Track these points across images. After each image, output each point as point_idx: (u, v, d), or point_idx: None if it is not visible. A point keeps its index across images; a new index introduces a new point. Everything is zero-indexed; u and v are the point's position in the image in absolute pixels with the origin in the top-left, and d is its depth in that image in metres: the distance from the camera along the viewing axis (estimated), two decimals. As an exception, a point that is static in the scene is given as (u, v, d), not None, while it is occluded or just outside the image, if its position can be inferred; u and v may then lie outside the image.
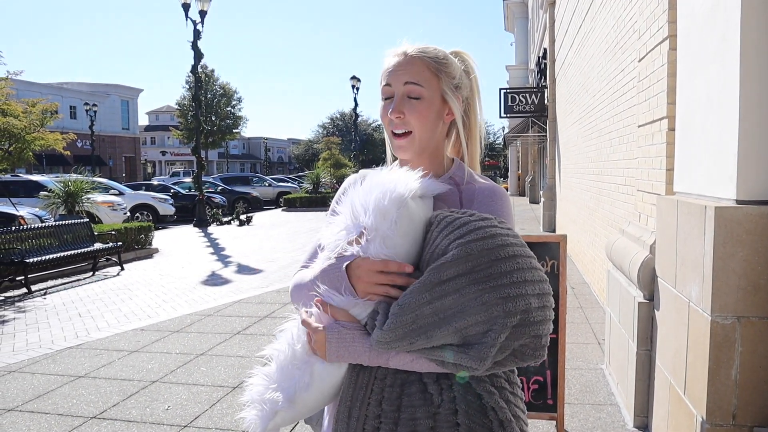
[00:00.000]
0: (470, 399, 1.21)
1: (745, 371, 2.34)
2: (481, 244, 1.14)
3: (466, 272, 1.12)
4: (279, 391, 1.29)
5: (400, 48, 1.42)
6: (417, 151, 1.42)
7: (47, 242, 9.45)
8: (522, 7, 31.38)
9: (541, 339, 1.15)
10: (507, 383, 1.28)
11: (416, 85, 1.38)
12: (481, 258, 1.13)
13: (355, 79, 32.70)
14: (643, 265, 3.45)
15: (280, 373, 1.31)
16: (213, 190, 25.59)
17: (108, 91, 55.83)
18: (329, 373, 1.29)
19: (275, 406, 1.29)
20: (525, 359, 1.17)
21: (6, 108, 9.96)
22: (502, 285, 1.11)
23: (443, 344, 1.14)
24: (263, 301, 7.39)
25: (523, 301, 1.11)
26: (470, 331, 1.11)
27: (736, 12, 2.35)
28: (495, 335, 1.09)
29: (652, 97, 3.77)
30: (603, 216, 6.80)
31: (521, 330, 1.12)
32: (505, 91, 17.66)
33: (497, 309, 1.09)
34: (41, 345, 5.78)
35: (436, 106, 1.41)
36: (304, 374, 1.29)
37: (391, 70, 1.40)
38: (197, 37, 18.91)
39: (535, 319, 1.13)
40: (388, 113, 1.39)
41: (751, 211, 2.31)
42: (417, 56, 1.39)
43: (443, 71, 1.41)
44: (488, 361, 1.11)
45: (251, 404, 1.33)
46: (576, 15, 9.52)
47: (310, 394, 1.29)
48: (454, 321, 1.11)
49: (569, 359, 4.76)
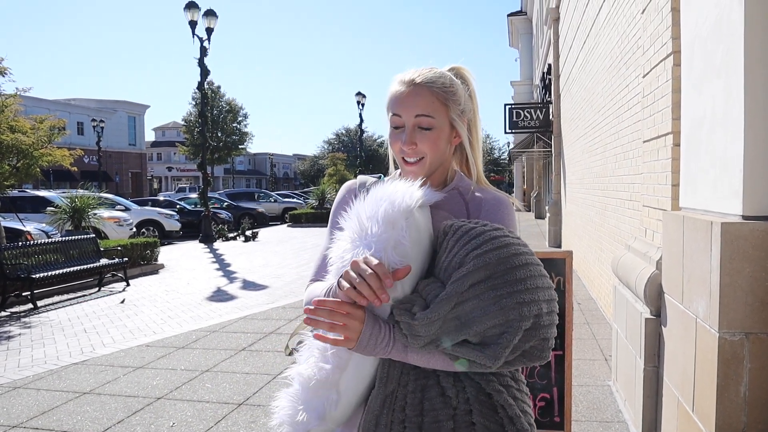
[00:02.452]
0: (482, 399, 1.29)
1: (754, 388, 2.32)
2: (497, 254, 1.22)
3: (484, 279, 1.20)
4: (308, 411, 1.33)
5: (407, 75, 1.45)
6: (426, 174, 1.46)
7: (54, 258, 9.48)
8: (526, 23, 31.55)
9: (548, 341, 1.24)
10: (513, 381, 1.36)
11: (427, 117, 1.41)
12: (497, 267, 1.21)
13: (361, 95, 32.84)
14: (650, 281, 3.44)
15: (306, 392, 1.34)
16: (219, 206, 25.62)
17: (115, 107, 56.24)
18: (355, 387, 1.33)
19: (308, 426, 1.32)
20: (532, 360, 1.25)
21: (14, 124, 10.02)
22: (517, 291, 1.19)
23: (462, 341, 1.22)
24: (269, 318, 7.37)
25: (536, 306, 1.20)
26: (488, 333, 1.19)
27: (739, 27, 2.35)
28: (510, 337, 1.17)
29: (657, 113, 3.78)
30: (609, 231, 6.78)
31: (532, 333, 1.20)
32: (510, 107, 17.68)
33: (513, 313, 1.17)
34: (46, 361, 5.77)
35: (445, 133, 1.45)
36: (331, 392, 1.32)
37: (400, 101, 1.43)
38: (204, 54, 19.06)
39: (545, 323, 1.22)
40: (400, 143, 1.43)
41: (757, 226, 2.30)
42: (425, 86, 1.42)
43: (451, 99, 1.44)
44: (501, 360, 1.19)
45: (282, 426, 1.36)
46: (580, 31, 9.57)
47: (339, 410, 1.33)
48: (474, 325, 1.18)
49: (576, 376, 4.73)
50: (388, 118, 1.49)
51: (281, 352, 5.83)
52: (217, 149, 46.21)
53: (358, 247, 1.25)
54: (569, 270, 3.30)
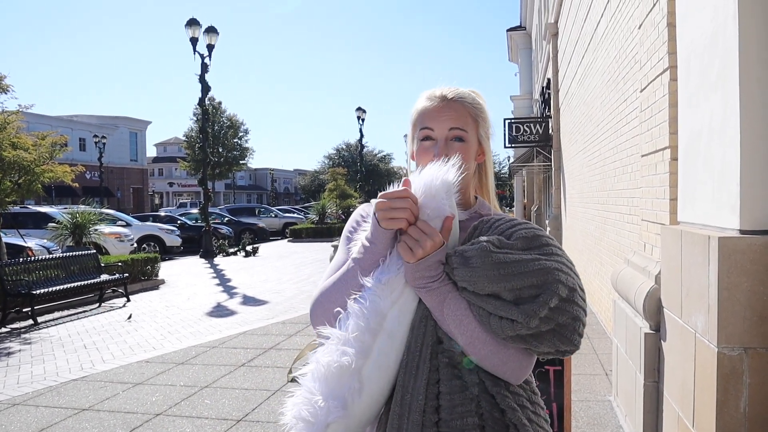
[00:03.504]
0: (496, 416, 1.26)
1: (754, 403, 2.31)
2: (533, 232, 1.28)
3: (525, 248, 1.25)
4: (328, 400, 1.24)
5: (438, 91, 1.48)
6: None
7: (54, 273, 9.48)
8: (525, 38, 31.73)
9: (579, 324, 1.24)
10: (529, 403, 1.32)
11: (460, 130, 1.44)
12: (534, 241, 1.27)
13: (361, 110, 33.00)
14: (649, 296, 3.43)
15: (325, 384, 1.26)
16: (219, 221, 25.66)
17: (117, 123, 56.46)
18: (378, 378, 1.26)
19: (327, 418, 1.23)
20: (563, 341, 1.23)
21: (17, 141, 10.07)
22: (555, 261, 1.24)
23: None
24: (269, 333, 7.36)
25: (572, 280, 1.23)
26: (524, 293, 1.20)
27: (734, 43, 2.37)
28: (547, 297, 1.18)
29: (655, 127, 3.79)
30: (608, 245, 6.78)
31: (566, 306, 1.21)
32: (509, 121, 17.73)
33: (552, 275, 1.20)
34: (46, 377, 5.76)
35: (474, 149, 1.48)
36: (353, 381, 1.25)
37: (432, 115, 1.45)
38: (205, 70, 19.20)
39: (578, 302, 1.24)
40: (430, 156, 1.44)
41: (755, 241, 2.30)
42: (458, 102, 1.46)
43: (480, 116, 1.49)
44: (535, 320, 1.18)
45: (297, 422, 1.26)
46: (578, 46, 9.63)
47: (362, 399, 1.25)
48: (513, 279, 1.20)
49: (576, 391, 4.70)
50: (412, 134, 1.52)
51: (281, 367, 5.81)
52: (218, 164, 46.36)
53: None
54: (568, 284, 3.29)
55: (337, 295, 1.35)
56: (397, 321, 1.29)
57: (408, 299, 1.30)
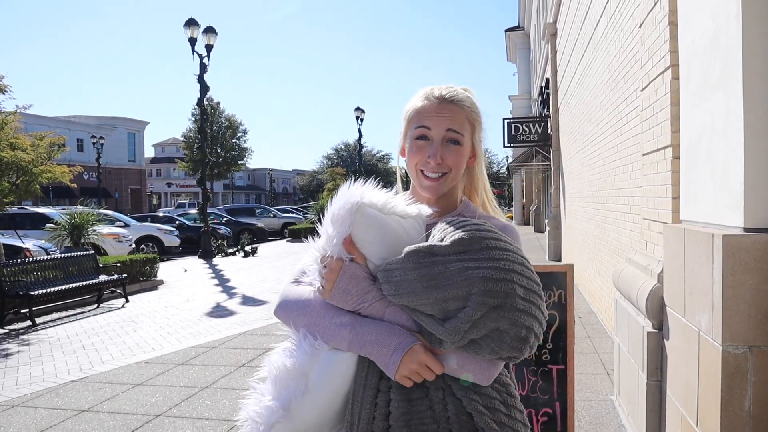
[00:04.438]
0: (463, 419, 1.24)
1: (759, 402, 2.29)
2: (475, 234, 1.23)
3: (457, 253, 1.21)
4: (273, 401, 1.29)
5: (437, 91, 1.46)
6: (445, 190, 1.46)
7: (52, 274, 9.45)
8: (524, 38, 31.75)
9: (521, 329, 1.18)
10: (502, 405, 1.30)
11: (457, 133, 1.43)
12: (472, 244, 1.21)
13: (360, 110, 32.97)
14: (651, 294, 3.42)
15: (275, 385, 1.32)
16: (218, 222, 25.62)
17: (115, 124, 56.44)
18: (323, 381, 1.29)
19: (270, 418, 1.28)
20: (503, 348, 1.19)
21: (14, 141, 10.05)
22: (486, 267, 1.18)
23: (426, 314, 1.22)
24: (268, 333, 7.34)
25: (506, 285, 1.17)
26: (450, 306, 1.17)
27: (737, 39, 2.36)
28: (471, 311, 1.15)
29: (656, 126, 3.78)
30: (609, 244, 6.77)
31: (500, 313, 1.16)
32: (508, 121, 17.75)
33: (477, 286, 1.16)
34: (44, 378, 5.73)
35: (468, 153, 1.47)
36: (299, 383, 1.29)
37: (430, 114, 1.43)
38: (203, 70, 19.18)
39: (518, 307, 1.18)
40: (424, 155, 1.43)
41: (759, 239, 2.29)
42: (456, 104, 1.44)
43: (477, 121, 1.48)
44: (459, 335, 1.16)
45: (245, 422, 1.33)
46: (578, 45, 9.62)
47: (305, 402, 1.28)
48: (436, 291, 1.17)
49: (578, 390, 4.69)
50: (405, 131, 1.49)
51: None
52: (217, 165, 46.30)
53: (324, 247, 1.34)
54: (570, 284, 3.28)
55: (300, 309, 1.39)
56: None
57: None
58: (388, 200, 1.34)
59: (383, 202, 1.33)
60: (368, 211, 1.30)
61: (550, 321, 3.23)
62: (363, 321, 1.29)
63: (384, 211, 1.32)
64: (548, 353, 3.27)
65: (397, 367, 1.23)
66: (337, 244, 1.29)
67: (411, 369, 1.23)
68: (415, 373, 1.23)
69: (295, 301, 1.40)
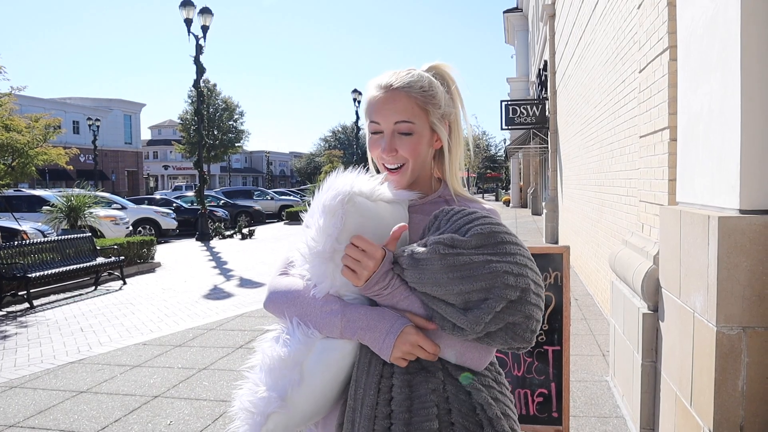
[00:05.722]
0: (462, 398, 1.27)
1: (752, 382, 2.32)
2: (490, 228, 1.26)
3: (477, 247, 1.23)
4: (269, 391, 1.28)
5: (384, 79, 1.41)
6: (409, 181, 1.44)
7: (50, 257, 9.45)
8: (522, 20, 31.54)
9: (532, 322, 1.24)
10: (495, 383, 1.34)
11: (407, 123, 1.38)
12: (489, 238, 1.24)
13: (357, 93, 32.81)
14: (647, 276, 3.43)
15: (269, 375, 1.30)
16: (215, 204, 25.58)
17: (111, 106, 56.13)
18: (319, 370, 1.29)
19: (267, 409, 1.27)
20: (515, 338, 1.24)
21: (9, 123, 10.01)
22: (507, 262, 1.22)
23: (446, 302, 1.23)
24: (266, 315, 7.35)
25: (523, 280, 1.22)
26: (472, 297, 1.20)
27: (735, 21, 2.35)
28: (493, 303, 1.19)
29: (653, 108, 3.77)
30: (606, 227, 6.79)
31: (517, 307, 1.21)
32: (506, 104, 17.69)
33: (501, 279, 1.20)
34: (43, 360, 5.76)
35: (426, 138, 1.42)
36: (294, 373, 1.28)
37: (377, 107, 1.39)
38: (199, 51, 19.03)
39: (531, 301, 1.23)
40: (379, 151, 1.41)
41: (755, 220, 2.30)
42: (403, 91, 1.38)
43: (430, 103, 1.40)
44: (481, 326, 1.19)
45: (239, 413, 1.31)
46: (576, 27, 9.56)
47: (301, 392, 1.28)
48: (461, 283, 1.20)
49: (574, 371, 4.73)
50: (365, 124, 1.46)
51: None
52: (214, 147, 46.21)
53: (318, 243, 1.30)
54: (566, 265, 3.29)
55: (290, 300, 1.38)
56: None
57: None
58: (375, 187, 1.33)
59: (371, 190, 1.32)
60: (359, 200, 1.29)
61: (547, 302, 3.25)
62: (353, 307, 1.29)
63: (372, 199, 1.32)
64: (544, 334, 3.29)
65: (391, 351, 1.24)
66: (332, 235, 1.27)
67: (404, 351, 1.24)
68: (408, 353, 1.25)
69: (285, 292, 1.39)
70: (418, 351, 1.25)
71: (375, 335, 1.26)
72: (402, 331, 1.25)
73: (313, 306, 1.32)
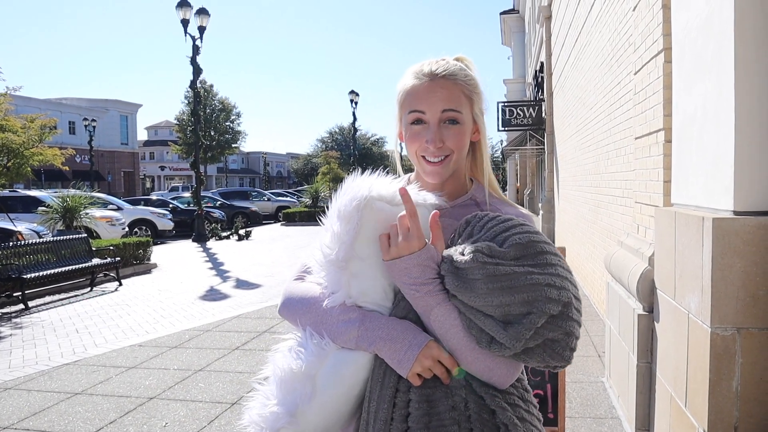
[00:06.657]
0: (485, 417, 1.19)
1: (746, 383, 2.32)
2: (528, 237, 1.18)
3: (516, 258, 1.16)
4: (279, 405, 1.23)
5: (426, 67, 1.34)
6: (449, 173, 1.37)
7: (45, 258, 9.43)
8: (519, 21, 31.58)
9: (572, 339, 1.17)
10: (521, 401, 1.26)
11: (454, 111, 1.32)
12: (528, 249, 1.17)
13: (354, 94, 32.85)
14: (642, 277, 3.44)
15: (280, 388, 1.25)
16: (212, 205, 25.57)
17: (107, 107, 56.01)
18: (332, 384, 1.23)
19: (275, 424, 1.22)
20: (553, 356, 1.16)
21: (4, 123, 9.99)
22: (548, 274, 1.15)
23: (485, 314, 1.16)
24: (262, 316, 7.36)
25: (565, 294, 1.14)
26: (513, 310, 1.13)
27: (729, 24, 2.36)
28: (535, 318, 1.11)
29: (649, 110, 3.78)
30: (601, 228, 6.80)
31: (558, 322, 1.14)
32: (502, 105, 17.69)
33: (543, 292, 1.12)
34: (38, 361, 5.74)
35: (469, 129, 1.37)
36: (306, 386, 1.23)
37: (421, 95, 1.32)
38: (196, 52, 19.01)
39: (572, 316, 1.16)
40: (422, 141, 1.33)
41: (748, 222, 2.30)
42: (450, 80, 1.32)
43: (474, 92, 1.36)
44: (521, 343, 1.12)
45: (249, 426, 1.27)
46: (572, 29, 9.58)
47: (312, 406, 1.22)
48: (502, 295, 1.12)
49: (569, 372, 4.73)
50: (399, 116, 1.39)
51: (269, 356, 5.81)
52: (210, 148, 46.13)
53: (333, 250, 1.24)
54: (562, 267, 3.29)
55: (306, 307, 1.33)
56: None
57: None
58: (396, 191, 1.25)
59: (392, 194, 1.25)
60: (377, 205, 1.22)
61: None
62: (372, 317, 1.23)
63: (393, 203, 1.24)
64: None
65: (411, 364, 1.18)
66: (347, 243, 1.21)
67: (424, 366, 1.18)
68: (427, 370, 1.18)
69: (300, 298, 1.33)
70: (438, 368, 1.19)
71: (396, 346, 1.19)
72: (426, 345, 1.18)
73: (329, 314, 1.26)
